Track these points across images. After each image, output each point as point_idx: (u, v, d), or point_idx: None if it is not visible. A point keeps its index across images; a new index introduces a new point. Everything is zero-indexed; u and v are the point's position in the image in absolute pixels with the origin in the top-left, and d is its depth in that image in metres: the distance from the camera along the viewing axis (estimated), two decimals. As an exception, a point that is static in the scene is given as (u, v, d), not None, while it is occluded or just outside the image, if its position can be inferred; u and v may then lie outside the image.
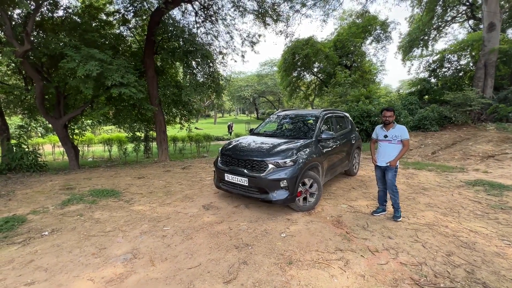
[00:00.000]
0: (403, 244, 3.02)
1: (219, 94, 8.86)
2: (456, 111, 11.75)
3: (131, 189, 5.27)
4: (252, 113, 70.70)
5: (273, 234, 3.28)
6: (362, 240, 3.15)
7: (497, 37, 13.18)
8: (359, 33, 19.55)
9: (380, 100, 14.74)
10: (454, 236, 3.17)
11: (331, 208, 4.21)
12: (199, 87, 7.74)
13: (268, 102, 50.28)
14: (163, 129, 8.92)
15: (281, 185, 3.74)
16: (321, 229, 3.42)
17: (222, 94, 9.09)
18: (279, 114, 5.73)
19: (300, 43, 17.96)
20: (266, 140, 4.64)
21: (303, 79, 23.68)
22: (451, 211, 3.96)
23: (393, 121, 3.76)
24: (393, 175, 3.73)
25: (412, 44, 23.04)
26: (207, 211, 4.09)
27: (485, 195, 4.66)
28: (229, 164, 4.24)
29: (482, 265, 2.58)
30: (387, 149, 3.77)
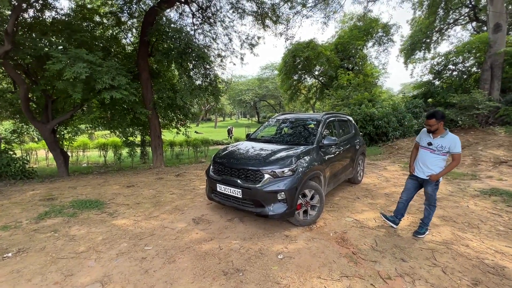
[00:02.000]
0: (419, 269, 2.59)
1: (217, 97, 8.50)
2: (463, 114, 11.33)
3: (117, 199, 4.87)
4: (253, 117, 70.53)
5: (268, 255, 2.87)
6: (371, 263, 2.72)
7: (504, 38, 12.81)
8: (361, 36, 19.23)
9: (383, 103, 14.34)
10: (478, 259, 2.74)
11: (335, 222, 3.79)
12: (195, 90, 7.38)
13: (269, 106, 50.05)
14: (158, 134, 8.56)
15: (279, 197, 3.33)
16: (324, 249, 3.01)
17: (220, 97, 8.75)
18: (278, 118, 5.34)
19: (301, 46, 17.65)
20: (263, 146, 4.24)
21: (304, 82, 23.35)
22: (470, 226, 3.53)
23: (445, 128, 3.14)
24: (433, 189, 3.21)
25: (415, 47, 22.71)
26: (197, 226, 3.69)
27: (505, 206, 4.23)
28: (222, 173, 3.85)
29: (517, 299, 2.15)
30: (427, 159, 3.22)
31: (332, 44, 19.89)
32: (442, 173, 3.13)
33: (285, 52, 19.05)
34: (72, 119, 7.97)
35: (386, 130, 12.23)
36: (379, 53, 22.58)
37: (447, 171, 3.14)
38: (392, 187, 5.53)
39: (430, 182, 3.20)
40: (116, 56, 7.99)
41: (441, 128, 3.14)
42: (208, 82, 8.16)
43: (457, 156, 3.05)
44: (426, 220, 3.29)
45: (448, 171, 3.15)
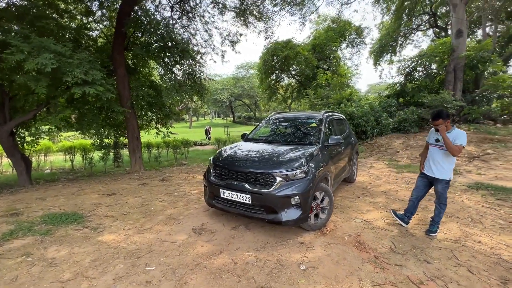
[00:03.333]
0: (446, 270, 2.53)
1: (202, 95, 8.02)
2: (434, 113, 12.11)
3: (99, 210, 4.27)
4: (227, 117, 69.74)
5: (290, 267, 2.61)
6: (397, 267, 2.60)
7: (464, 43, 13.97)
8: (336, 38, 19.81)
9: (361, 102, 14.86)
10: (495, 255, 2.76)
11: (344, 224, 3.66)
12: (181, 88, 6.86)
13: (244, 105, 49.78)
14: (137, 135, 7.85)
15: (293, 202, 3.10)
16: (344, 255, 2.83)
17: (206, 95, 8.28)
18: (275, 117, 5.10)
19: (279, 45, 17.66)
20: (266, 147, 3.97)
21: (281, 81, 23.47)
22: (473, 222, 3.62)
23: (452, 125, 3.12)
24: (443, 188, 3.20)
25: (383, 49, 24.01)
26: (200, 237, 3.31)
27: (494, 199, 4.45)
28: (226, 178, 3.51)
29: (549, 295, 2.15)
30: (436, 155, 3.21)
31: (309, 44, 20.22)
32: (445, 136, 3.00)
33: (264, 51, 18.94)
34: (34, 120, 6.95)
35: (365, 129, 12.65)
36: (352, 55, 23.52)
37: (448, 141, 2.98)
38: (386, 184, 5.60)
39: (440, 180, 3.19)
40: (88, 49, 7.13)
41: (449, 126, 3.14)
42: (193, 79, 7.66)
43: (459, 147, 2.99)
44: (437, 218, 3.28)
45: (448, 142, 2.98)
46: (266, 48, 19.10)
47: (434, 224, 3.29)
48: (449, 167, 3.18)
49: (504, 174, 6.00)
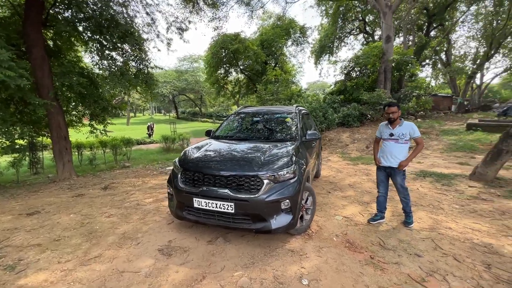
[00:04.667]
0: (437, 262, 2.56)
1: (150, 86, 6.89)
2: (371, 109, 13.49)
3: (16, 238, 3.13)
4: (170, 112, 65.44)
5: (291, 284, 2.26)
6: (395, 266, 2.52)
7: (392, 47, 15.92)
8: (282, 35, 20.26)
9: (309, 99, 15.54)
10: (468, 240, 2.96)
11: (327, 223, 3.51)
12: (123, 76, 5.69)
13: (188, 100, 47.29)
14: (64, 134, 6.32)
15: (282, 206, 2.75)
16: (341, 259, 2.63)
17: (154, 86, 7.15)
18: (244, 112, 4.65)
19: (228, 38, 17.04)
20: (242, 146, 3.51)
21: (229, 76, 22.92)
22: (435, 208, 3.91)
23: (400, 118, 3.28)
24: (402, 179, 3.29)
25: (323, 50, 25.82)
26: (170, 259, 2.67)
27: (441, 186, 4.98)
28: (200, 184, 2.92)
29: (526, 275, 2.34)
30: (393, 149, 3.27)
31: (257, 39, 20.17)
32: (410, 158, 3.21)
33: (212, 43, 18.03)
34: None
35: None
36: (297, 53, 24.55)
37: (414, 156, 3.22)
38: (349, 177, 5.78)
39: (398, 172, 3.27)
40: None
41: (398, 120, 3.26)
42: (137, 66, 6.52)
43: (420, 140, 3.20)
44: (408, 208, 3.36)
45: (415, 156, 3.23)
46: (214, 40, 18.25)
47: (409, 214, 3.38)
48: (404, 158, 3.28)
49: (438, 162, 6.91)
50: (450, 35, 26.08)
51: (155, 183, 5.61)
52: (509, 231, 3.12)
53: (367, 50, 16.00)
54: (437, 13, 21.57)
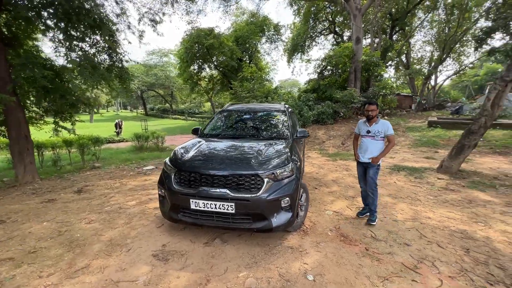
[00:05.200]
0: (424, 250, 2.78)
1: (125, 81, 6.40)
2: (345, 107, 14.14)
3: (-19, 253, 2.73)
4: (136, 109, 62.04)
5: (297, 280, 2.29)
6: (389, 256, 2.68)
7: (361, 49, 16.78)
8: (257, 32, 20.24)
9: (284, 96, 15.79)
10: (446, 228, 3.26)
11: (319, 218, 3.61)
12: (95, 70, 5.20)
13: (158, 96, 45.17)
14: (25, 133, 5.64)
15: (282, 204, 2.76)
16: (339, 253, 2.73)
17: (129, 81, 6.64)
18: (232, 109, 4.56)
19: (203, 32, 16.55)
20: (236, 144, 3.45)
21: (203, 72, 22.35)
22: (413, 200, 4.23)
23: (377, 116, 3.51)
24: (374, 172, 3.44)
25: (295, 48, 26.37)
26: (168, 264, 2.54)
27: (414, 179, 5.40)
28: (197, 184, 2.81)
29: (498, 256, 2.63)
30: (370, 145, 3.44)
31: (232, 35, 19.90)
32: (382, 154, 3.37)
33: (185, 37, 17.37)
34: None
35: (291, 121, 13.48)
36: (271, 50, 24.73)
37: (386, 153, 3.38)
38: (330, 173, 6.01)
39: (372, 165, 3.43)
40: None
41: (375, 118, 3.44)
42: (111, 59, 6.01)
43: (392, 138, 3.36)
44: (373, 207, 3.43)
45: (386, 153, 3.39)
46: (187, 34, 17.60)
47: (373, 213, 3.44)
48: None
49: (407, 157, 7.48)
50: (410, 39, 28.21)
51: (135, 185, 5.29)
52: (478, 218, 3.49)
53: (338, 51, 16.67)
54: (399, 18, 23.23)
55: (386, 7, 20.44)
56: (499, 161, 6.58)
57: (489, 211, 3.68)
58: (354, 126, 12.32)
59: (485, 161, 6.58)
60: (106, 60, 6.16)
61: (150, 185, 5.21)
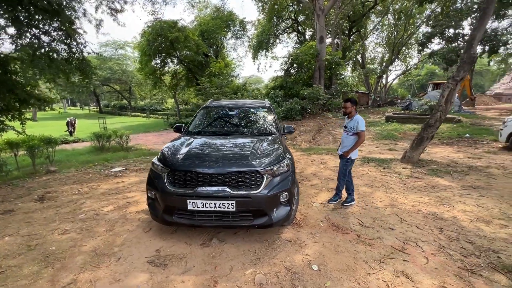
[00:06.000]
0: (406, 232, 3.08)
1: (87, 74, 5.73)
2: (311, 103, 14.74)
3: None
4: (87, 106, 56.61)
5: (304, 271, 2.36)
6: (378, 240, 2.91)
7: (325, 48, 17.60)
8: (223, 27, 19.89)
9: (253, 93, 15.86)
10: (420, 211, 3.64)
11: (308, 210, 3.74)
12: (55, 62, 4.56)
13: (114, 92, 41.69)
14: (-37, 134, 4.76)
15: (281, 199, 2.80)
16: (335, 242, 2.88)
17: (92, 74, 5.97)
18: (216, 105, 4.43)
19: (166, 25, 15.66)
20: (227, 141, 3.39)
21: (166, 67, 21.24)
22: (387, 188, 4.63)
23: (356, 112, 3.74)
24: (343, 164, 3.79)
25: (260, 45, 26.59)
26: (168, 269, 2.41)
27: (383, 169, 5.90)
28: (194, 184, 2.69)
29: (465, 232, 3.04)
30: (344, 139, 3.81)
31: (197, 29, 19.22)
32: (350, 149, 3.66)
33: (146, 29, 16.25)
34: None
35: (262, 117, 13.62)
36: (237, 46, 24.55)
37: (354, 148, 3.66)
38: (308, 167, 6.24)
39: (342, 157, 3.79)
40: None
41: (353, 113, 3.75)
42: (69, 49, 5.34)
43: (361, 134, 3.61)
44: (337, 190, 3.96)
45: (355, 148, 3.66)
46: (148, 26, 16.49)
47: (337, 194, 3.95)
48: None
49: (373, 149, 8.14)
50: (365, 40, 30.48)
51: (107, 188, 4.84)
52: (443, 201, 3.97)
53: (304, 49, 17.24)
54: (356, 20, 24.93)
55: (346, 9, 21.70)
56: (447, 151, 7.56)
57: (450, 194, 4.22)
58: (322, 122, 12.98)
59: (436, 151, 7.49)
60: (63, 50, 5.47)
61: (125, 188, 4.83)
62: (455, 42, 24.02)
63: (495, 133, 9.23)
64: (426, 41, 26.00)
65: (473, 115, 14.85)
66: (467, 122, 12.06)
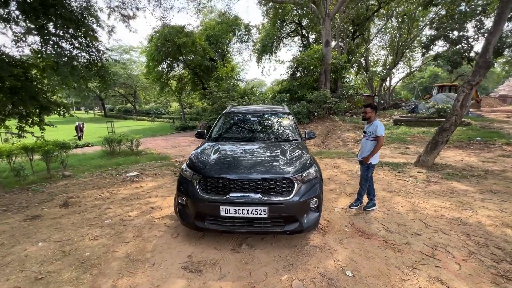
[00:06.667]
0: (433, 238, 3.09)
1: (106, 81, 5.84)
2: (318, 107, 14.78)
3: (-27, 286, 2.31)
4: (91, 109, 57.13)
5: (339, 278, 2.39)
6: (407, 246, 2.94)
7: (330, 51, 17.68)
8: (229, 31, 20.07)
9: (260, 96, 15.95)
10: (443, 216, 3.65)
11: (330, 215, 3.77)
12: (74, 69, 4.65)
13: (120, 96, 42.00)
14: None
15: (311, 205, 2.84)
16: (364, 247, 2.91)
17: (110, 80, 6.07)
18: (236, 111, 4.50)
19: (174, 30, 15.85)
20: (254, 147, 3.45)
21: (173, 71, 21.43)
22: (405, 193, 4.65)
23: (375, 117, 3.80)
24: (364, 170, 3.83)
25: (264, 49, 26.78)
26: (204, 275, 2.45)
27: (398, 173, 5.92)
28: (225, 191, 2.73)
29: (493, 238, 3.05)
30: (364, 144, 3.87)
31: (203, 34, 19.42)
32: (370, 155, 3.70)
33: (154, 34, 16.45)
34: None
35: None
36: (242, 50, 24.72)
37: (373, 153, 3.69)
38: (323, 171, 6.25)
39: (362, 163, 3.84)
40: None
41: (373, 117, 3.80)
42: (92, 57, 5.45)
43: (379, 138, 3.65)
44: (359, 196, 3.96)
45: (374, 153, 3.69)
46: (155, 31, 16.69)
47: (358, 199, 3.96)
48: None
49: (384, 153, 8.14)
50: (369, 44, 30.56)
51: (127, 193, 4.90)
52: (465, 205, 3.98)
53: (310, 53, 17.34)
54: (360, 23, 25.04)
55: (351, 13, 21.82)
56: (460, 154, 7.55)
57: (471, 199, 4.22)
58: (329, 125, 13.00)
59: (449, 155, 7.49)
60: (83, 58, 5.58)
61: (145, 193, 4.88)
62: (459, 44, 24.04)
63: (506, 136, 9.20)
64: (430, 44, 26.02)
65: (481, 118, 14.80)
66: (476, 125, 12.04)
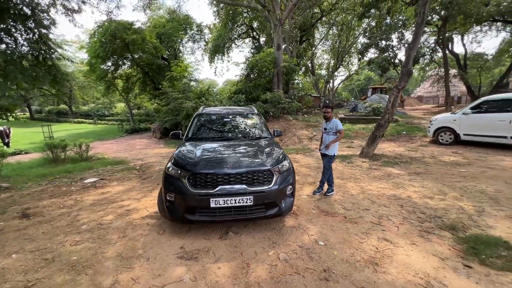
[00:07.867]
0: (379, 210, 3.92)
1: (59, 82, 5.32)
2: (273, 107, 15.67)
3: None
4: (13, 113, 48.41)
5: (315, 247, 2.94)
6: (360, 219, 3.68)
7: (282, 55, 18.82)
8: (180, 30, 19.60)
9: (217, 97, 16.08)
10: (384, 194, 4.58)
11: (299, 202, 4.35)
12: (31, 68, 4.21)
13: (50, 96, 36.66)
14: None
15: (287, 192, 3.35)
16: (329, 223, 3.54)
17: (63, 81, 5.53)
18: (210, 112, 4.75)
19: (122, 25, 14.81)
20: (231, 144, 3.80)
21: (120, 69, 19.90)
22: (355, 179, 5.57)
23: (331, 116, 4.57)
24: (327, 161, 4.57)
25: (216, 49, 26.89)
26: (201, 261, 2.73)
27: (347, 163, 6.94)
28: (213, 184, 3.04)
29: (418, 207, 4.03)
30: (325, 139, 4.59)
31: (153, 32, 18.55)
32: (331, 142, 4.48)
33: (96, 29, 15.10)
34: None
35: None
36: (195, 50, 24.32)
37: (335, 141, 4.48)
38: (285, 166, 6.92)
39: (326, 155, 4.61)
40: None
41: (332, 116, 4.63)
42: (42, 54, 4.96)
43: (341, 131, 4.48)
44: (321, 183, 4.70)
45: (335, 141, 4.48)
46: (98, 26, 15.34)
47: (320, 186, 4.70)
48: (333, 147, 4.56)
49: (334, 147, 9.26)
50: (314, 49, 33.22)
51: (94, 199, 4.71)
52: (398, 185, 5.03)
53: (263, 56, 18.18)
54: (306, 29, 27.11)
55: (298, 19, 23.48)
56: (392, 146, 9.13)
57: (402, 180, 5.33)
58: (285, 124, 13.95)
59: (384, 146, 8.98)
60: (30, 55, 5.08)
61: (115, 198, 4.76)
62: (387, 52, 28.10)
63: (423, 130, 11.38)
64: (364, 50, 29.70)
65: (405, 115, 17.72)
66: (402, 121, 14.45)
